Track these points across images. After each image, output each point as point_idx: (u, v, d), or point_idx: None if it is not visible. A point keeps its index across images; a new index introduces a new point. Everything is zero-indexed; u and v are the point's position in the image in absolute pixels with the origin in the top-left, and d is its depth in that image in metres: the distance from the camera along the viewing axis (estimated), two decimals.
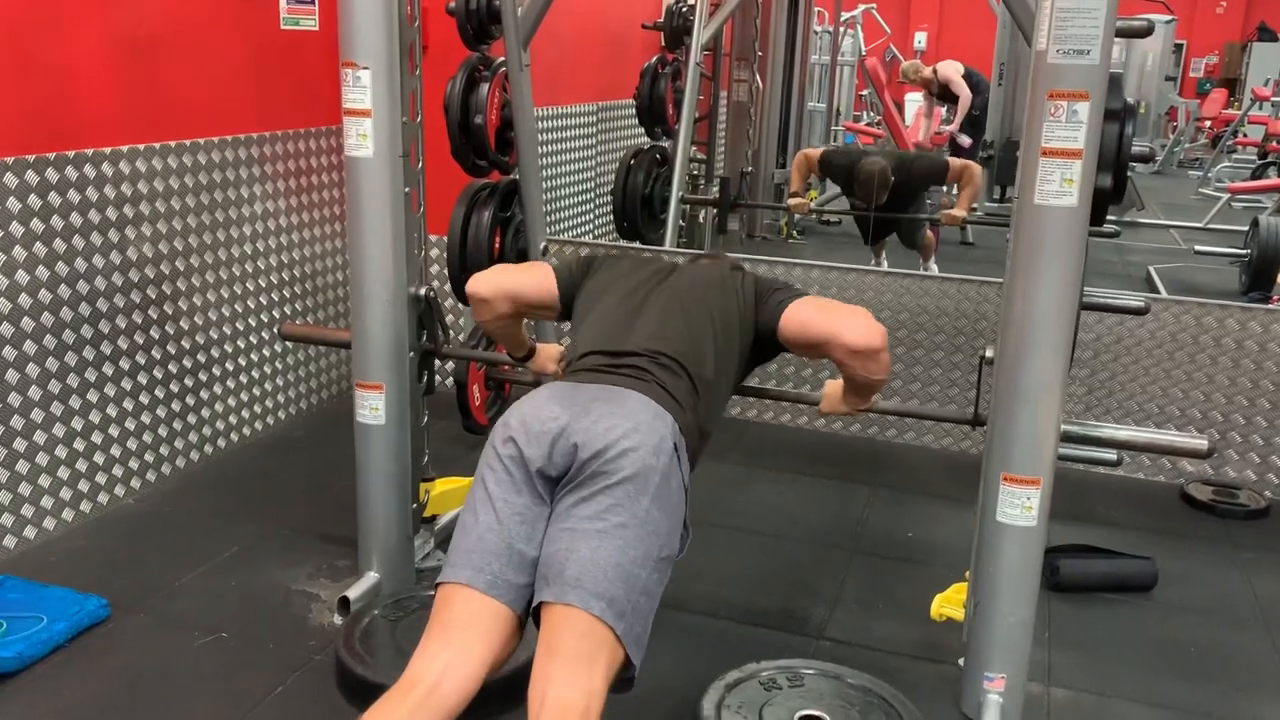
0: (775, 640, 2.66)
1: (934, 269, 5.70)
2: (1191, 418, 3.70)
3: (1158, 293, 5.23)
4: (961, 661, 2.41)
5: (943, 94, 8.73)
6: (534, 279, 2.30)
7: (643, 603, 1.75)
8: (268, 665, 2.49)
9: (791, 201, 5.73)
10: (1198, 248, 6.47)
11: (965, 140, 8.42)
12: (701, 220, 6.05)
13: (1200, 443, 2.29)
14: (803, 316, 2.13)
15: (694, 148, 5.70)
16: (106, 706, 2.32)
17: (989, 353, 2.29)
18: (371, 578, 2.75)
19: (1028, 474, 2.20)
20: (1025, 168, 2.09)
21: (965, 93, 8.42)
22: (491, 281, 2.28)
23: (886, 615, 2.81)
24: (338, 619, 2.65)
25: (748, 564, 3.09)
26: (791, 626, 2.75)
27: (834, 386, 2.39)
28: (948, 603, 2.49)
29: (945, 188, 6.22)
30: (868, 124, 10.68)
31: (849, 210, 6.03)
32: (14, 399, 2.88)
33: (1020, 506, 2.22)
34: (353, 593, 2.66)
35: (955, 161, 5.63)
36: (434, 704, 1.68)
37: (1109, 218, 5.49)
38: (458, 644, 1.74)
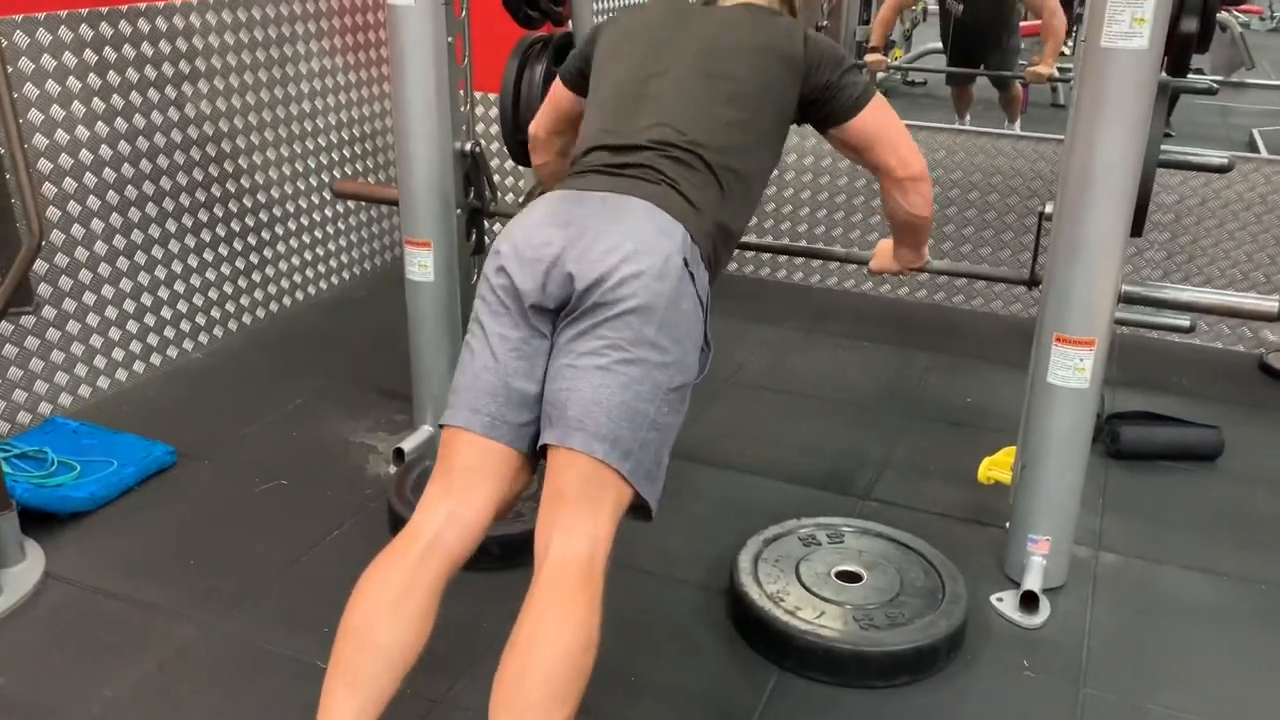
0: (822, 500, 2.66)
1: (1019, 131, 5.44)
2: (1277, 284, 3.52)
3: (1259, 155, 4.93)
4: (1008, 525, 2.39)
5: None
6: (554, 89, 2.21)
7: (653, 438, 1.65)
8: (325, 510, 2.58)
9: (869, 58, 5.48)
10: None
11: None
12: None
13: (1271, 304, 2.17)
14: (873, 126, 1.96)
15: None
16: (172, 544, 2.44)
17: (1048, 208, 2.18)
18: (426, 431, 2.80)
19: (1082, 335, 2.12)
20: (1093, 7, 1.94)
21: None
22: (536, 121, 2.29)
23: (936, 478, 2.79)
24: (392, 469, 2.73)
25: (800, 427, 3.08)
26: (838, 487, 2.75)
27: (885, 245, 2.33)
28: (996, 465, 2.44)
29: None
30: None
31: (933, 69, 5.76)
32: (80, 253, 2.96)
33: (1072, 368, 2.15)
34: (407, 444, 2.72)
35: None
36: (438, 554, 1.63)
37: (1212, 77, 5.15)
38: (460, 491, 1.68)
